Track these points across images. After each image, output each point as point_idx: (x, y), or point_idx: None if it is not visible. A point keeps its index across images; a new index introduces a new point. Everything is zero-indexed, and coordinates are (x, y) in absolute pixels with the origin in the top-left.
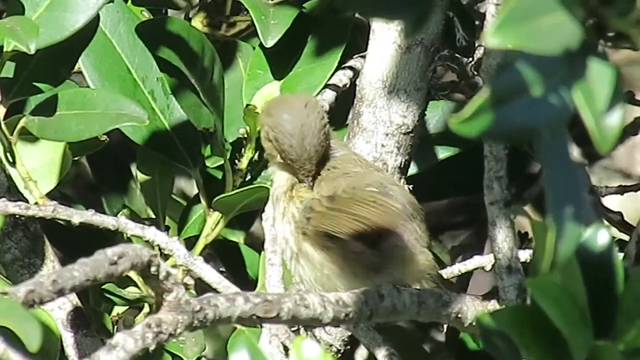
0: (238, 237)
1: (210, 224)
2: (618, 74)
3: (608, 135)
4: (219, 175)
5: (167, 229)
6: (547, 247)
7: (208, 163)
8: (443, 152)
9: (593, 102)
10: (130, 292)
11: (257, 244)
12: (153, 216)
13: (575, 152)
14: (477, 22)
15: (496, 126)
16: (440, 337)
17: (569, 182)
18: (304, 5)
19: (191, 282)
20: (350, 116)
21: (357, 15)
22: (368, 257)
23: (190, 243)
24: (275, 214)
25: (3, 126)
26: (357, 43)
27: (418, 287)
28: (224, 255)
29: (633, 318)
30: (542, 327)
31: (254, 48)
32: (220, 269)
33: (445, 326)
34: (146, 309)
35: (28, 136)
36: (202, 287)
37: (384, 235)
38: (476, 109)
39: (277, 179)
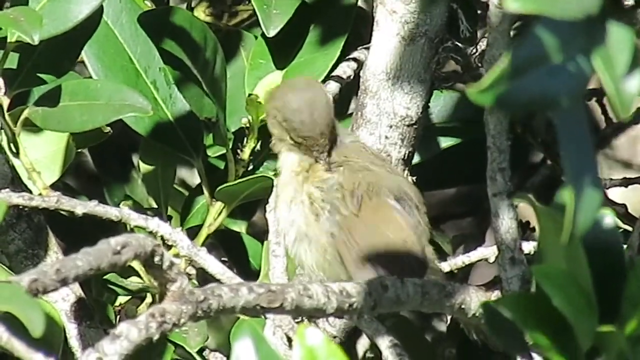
0: (240, 226)
1: (213, 214)
2: (636, 40)
3: (627, 100)
4: (221, 165)
5: (169, 219)
6: (566, 218)
7: (210, 153)
8: (445, 142)
9: (612, 67)
10: (133, 282)
11: (260, 234)
12: (155, 206)
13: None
14: (480, 12)
15: (515, 95)
16: (443, 327)
17: (585, 151)
18: None
19: (193, 272)
20: (354, 108)
21: (360, 4)
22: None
23: (192, 233)
24: (279, 200)
25: (7, 117)
26: (361, 34)
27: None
28: (226, 245)
29: (638, 304)
30: (547, 314)
31: (256, 37)
32: (223, 259)
33: (447, 316)
34: (148, 298)
35: (32, 127)
36: (205, 277)
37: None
38: (495, 78)
39: (287, 163)
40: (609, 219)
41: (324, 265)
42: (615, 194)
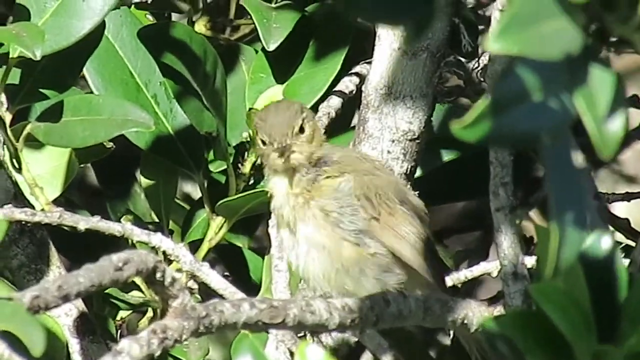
0: (242, 241)
1: (214, 228)
2: (619, 80)
3: (610, 141)
4: (222, 179)
5: (170, 233)
6: (551, 251)
7: (212, 167)
8: (447, 155)
9: (594, 108)
10: (134, 296)
11: (262, 249)
12: (157, 220)
13: (581, 158)
14: (482, 27)
15: (498, 132)
16: (447, 341)
17: (571, 187)
18: (306, 9)
19: (195, 286)
20: (356, 122)
21: (361, 20)
22: (381, 257)
23: (194, 247)
24: (280, 226)
25: (9, 132)
26: (363, 49)
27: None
28: (227, 260)
29: (636, 323)
30: (546, 332)
31: (256, 52)
32: (225, 274)
33: (451, 330)
34: (150, 313)
35: (34, 142)
36: (207, 291)
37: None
38: (478, 115)
39: (280, 187)
40: (607, 239)
41: (330, 275)
42: (619, 208)
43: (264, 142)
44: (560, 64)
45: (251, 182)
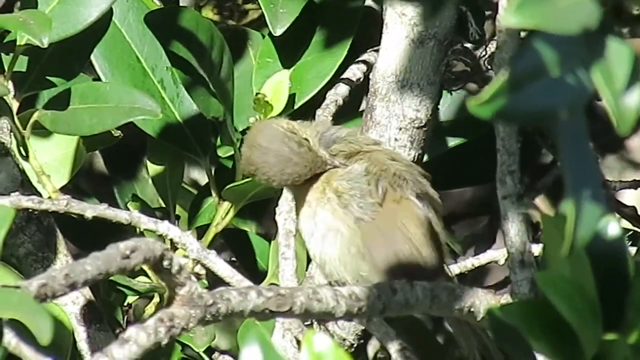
0: (250, 226)
1: (221, 213)
2: (635, 55)
3: (627, 115)
4: (230, 164)
5: (177, 218)
6: (567, 231)
7: (220, 153)
8: (453, 141)
9: (612, 82)
10: (141, 282)
11: (269, 234)
12: (164, 206)
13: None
14: (488, 13)
15: (514, 108)
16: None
17: (586, 164)
18: None
19: (203, 271)
20: (364, 110)
21: (369, 3)
22: None
23: (201, 232)
24: (303, 218)
25: (16, 120)
26: (371, 35)
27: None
28: (234, 244)
29: None
30: (552, 321)
31: (263, 36)
32: (232, 259)
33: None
34: (156, 298)
35: (41, 130)
36: (214, 277)
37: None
38: (495, 92)
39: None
40: (614, 225)
41: (346, 259)
42: (626, 196)
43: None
44: (578, 39)
45: None
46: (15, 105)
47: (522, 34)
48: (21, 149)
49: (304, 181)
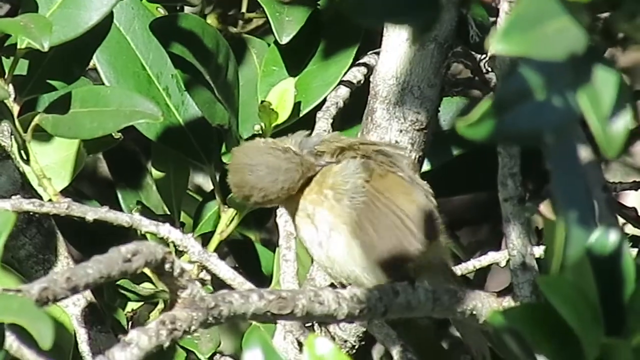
0: (254, 234)
1: (225, 220)
2: (622, 80)
3: (614, 140)
4: None
5: (182, 225)
6: (557, 246)
7: (225, 160)
8: (457, 149)
9: (598, 107)
10: (145, 287)
11: (273, 242)
12: (168, 212)
13: (589, 151)
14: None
15: (502, 130)
16: (458, 334)
17: (577, 185)
18: (318, 2)
19: (208, 277)
20: (364, 113)
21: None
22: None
23: (206, 240)
24: (299, 220)
25: (17, 123)
26: (372, 39)
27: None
28: (238, 253)
29: None
30: (553, 325)
31: (269, 45)
32: (235, 265)
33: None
34: (161, 304)
35: (42, 134)
36: (220, 283)
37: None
38: (482, 113)
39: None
40: (615, 231)
41: (353, 251)
42: (627, 198)
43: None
44: (564, 64)
45: None
46: (16, 108)
47: None
48: (22, 152)
49: (297, 190)
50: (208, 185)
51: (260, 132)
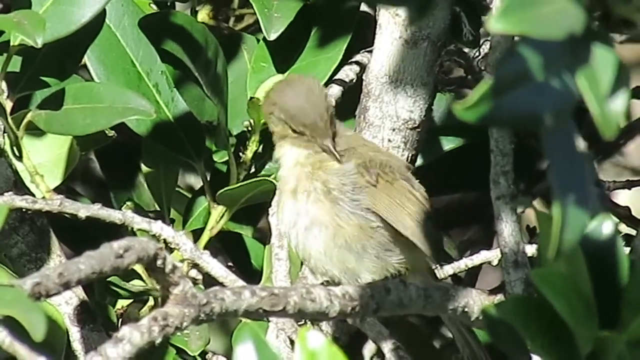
0: (246, 231)
1: (215, 217)
2: (621, 61)
3: (612, 120)
4: (224, 168)
5: (172, 221)
6: (553, 234)
7: (216, 157)
8: (448, 144)
9: (597, 87)
10: (135, 285)
11: (264, 239)
12: (159, 209)
13: (583, 147)
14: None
15: (500, 113)
16: (449, 333)
17: (573, 169)
18: None
19: (199, 276)
20: (357, 111)
21: (364, 8)
22: (382, 233)
23: (196, 236)
24: (282, 193)
25: (10, 120)
26: (365, 37)
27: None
28: (229, 248)
29: (637, 309)
30: (547, 318)
31: (258, 41)
32: (229, 264)
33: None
34: (151, 302)
35: (35, 131)
36: (211, 282)
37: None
38: (480, 96)
39: (291, 155)
40: (609, 224)
41: (332, 252)
42: (620, 196)
43: (294, 130)
44: (563, 44)
45: (252, 170)
46: (8, 105)
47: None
48: (14, 149)
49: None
50: (198, 184)
51: (250, 128)
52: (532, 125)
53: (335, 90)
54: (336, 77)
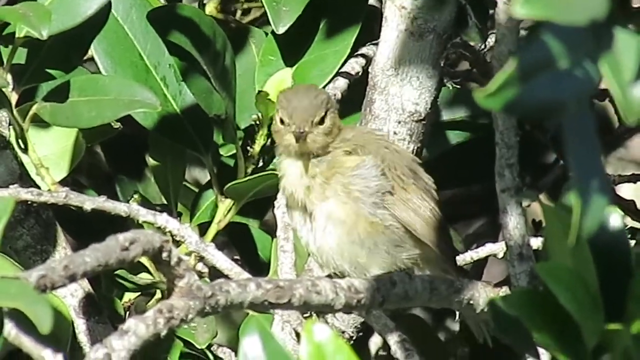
0: (253, 224)
1: (222, 211)
2: None
3: (635, 106)
4: (231, 162)
5: (179, 215)
6: (573, 221)
7: (223, 151)
8: (455, 138)
9: (620, 73)
10: (142, 278)
11: (271, 232)
12: (166, 202)
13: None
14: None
15: (522, 100)
16: (456, 327)
17: (593, 156)
18: None
19: (205, 269)
20: (363, 104)
21: (371, 1)
22: (394, 230)
23: (203, 230)
24: (292, 211)
25: (15, 113)
26: (372, 30)
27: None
28: (236, 240)
29: None
30: (553, 311)
31: (266, 34)
32: (235, 257)
33: (458, 315)
34: (158, 295)
35: (40, 123)
36: (216, 275)
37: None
38: (502, 83)
39: (293, 171)
40: (616, 217)
41: (344, 247)
42: (625, 190)
43: (282, 122)
44: (586, 30)
45: (260, 164)
46: (14, 97)
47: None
48: (20, 141)
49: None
50: (205, 178)
51: (258, 122)
52: (554, 113)
53: (341, 83)
54: (342, 70)
